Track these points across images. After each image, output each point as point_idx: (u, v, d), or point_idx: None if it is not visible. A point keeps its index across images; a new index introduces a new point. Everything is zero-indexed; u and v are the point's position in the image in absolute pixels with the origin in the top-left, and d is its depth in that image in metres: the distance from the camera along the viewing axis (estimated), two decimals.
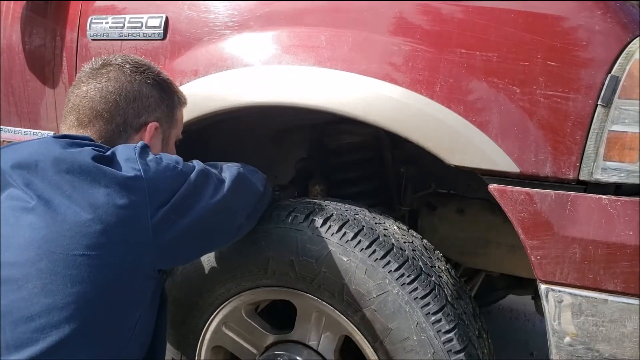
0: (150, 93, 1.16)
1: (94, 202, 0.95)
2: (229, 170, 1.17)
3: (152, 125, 1.16)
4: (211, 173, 1.12)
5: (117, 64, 1.16)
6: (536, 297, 1.96)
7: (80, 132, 1.13)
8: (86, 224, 0.94)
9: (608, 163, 1.02)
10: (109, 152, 1.03)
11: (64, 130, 1.16)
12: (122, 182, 0.97)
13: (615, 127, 1.02)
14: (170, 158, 1.07)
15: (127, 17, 1.50)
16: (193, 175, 1.06)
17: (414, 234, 1.37)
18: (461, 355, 1.18)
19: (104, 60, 1.18)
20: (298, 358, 1.34)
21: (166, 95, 1.20)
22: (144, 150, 1.05)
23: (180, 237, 1.03)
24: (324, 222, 1.26)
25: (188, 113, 1.37)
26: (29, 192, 0.97)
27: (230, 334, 1.43)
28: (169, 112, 1.21)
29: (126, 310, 1.01)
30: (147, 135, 1.15)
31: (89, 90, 1.14)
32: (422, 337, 1.19)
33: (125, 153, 1.02)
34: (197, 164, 1.11)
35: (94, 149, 1.02)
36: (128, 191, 0.97)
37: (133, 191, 0.97)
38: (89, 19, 1.56)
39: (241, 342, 1.42)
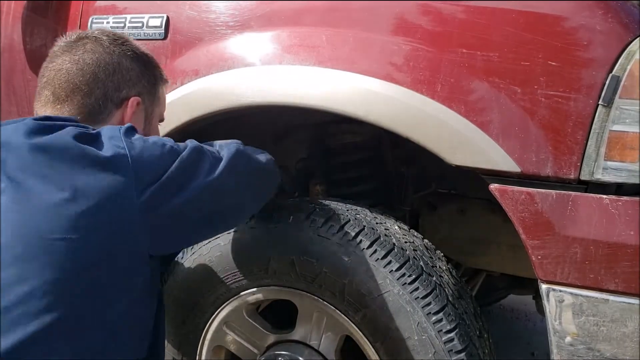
0: (130, 66, 1.11)
1: (73, 182, 0.89)
2: (227, 148, 1.10)
3: (133, 100, 1.10)
4: (206, 150, 1.05)
5: (94, 36, 1.10)
6: (537, 296, 1.96)
7: (57, 108, 1.07)
8: (64, 205, 0.87)
9: (609, 163, 1.02)
10: (93, 131, 0.98)
11: (39, 108, 1.09)
12: (104, 160, 0.91)
13: (616, 127, 1.02)
14: (159, 137, 1.03)
15: (128, 17, 1.50)
16: (186, 152, 1.00)
17: (415, 233, 1.37)
18: (462, 355, 1.18)
19: (80, 33, 1.12)
20: (299, 358, 1.35)
21: (147, 69, 1.14)
22: (130, 129, 1.00)
23: (173, 218, 0.98)
24: (325, 222, 1.26)
25: (189, 112, 1.37)
26: (1, 174, 0.91)
27: (232, 333, 1.43)
28: (150, 87, 1.15)
29: (111, 297, 0.93)
30: (129, 111, 1.10)
31: (63, 63, 1.08)
32: (423, 337, 1.19)
33: (110, 132, 0.97)
34: (191, 142, 1.05)
35: (76, 127, 0.96)
36: (112, 170, 0.91)
37: (117, 170, 0.91)
38: (90, 19, 1.56)
39: (242, 341, 1.42)
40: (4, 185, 0.90)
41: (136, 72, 1.11)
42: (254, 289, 1.36)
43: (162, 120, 1.24)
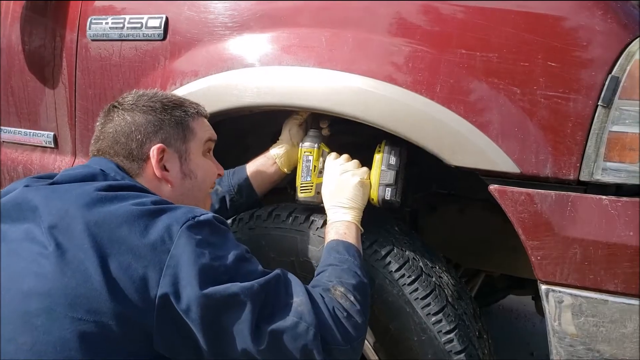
0: (145, 120, 1.15)
1: (106, 263, 0.92)
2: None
3: (153, 149, 1.13)
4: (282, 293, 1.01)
5: (116, 106, 1.18)
6: (536, 297, 1.96)
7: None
8: (93, 286, 0.91)
9: (608, 164, 1.02)
10: (164, 205, 1.01)
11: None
12: (143, 247, 0.93)
13: (615, 128, 1.02)
14: (223, 249, 0.99)
15: (127, 17, 1.50)
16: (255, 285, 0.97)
17: (415, 234, 1.37)
18: (462, 355, 1.18)
19: (110, 105, 1.20)
20: None
21: (165, 114, 1.17)
22: (199, 225, 0.97)
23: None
24: (325, 223, 1.26)
25: None
26: (49, 237, 0.95)
27: None
28: (175, 129, 1.17)
29: None
30: (154, 160, 1.13)
31: (98, 133, 1.19)
32: (423, 338, 1.19)
33: (177, 217, 0.98)
34: (275, 277, 1.02)
35: (134, 202, 0.99)
36: (146, 259, 0.93)
37: (151, 261, 0.93)
38: (89, 19, 1.56)
39: None
40: (51, 250, 0.94)
41: (152, 123, 1.15)
42: None
43: (213, 140, 1.25)
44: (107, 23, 1.52)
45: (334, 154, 1.34)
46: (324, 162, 1.34)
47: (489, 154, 1.09)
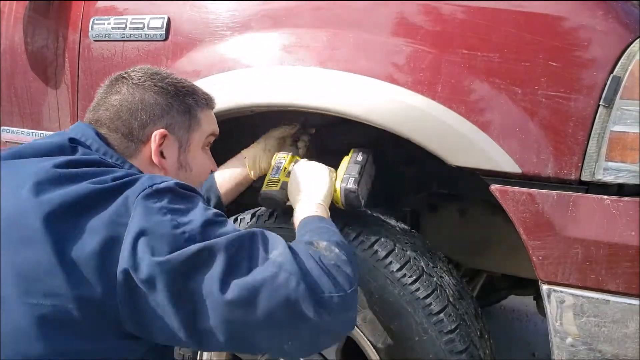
0: (154, 101, 1.09)
1: (62, 246, 0.86)
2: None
3: (157, 134, 1.08)
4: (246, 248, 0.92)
5: (123, 76, 1.13)
6: (538, 297, 1.96)
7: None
8: (49, 270, 0.85)
9: (610, 163, 1.02)
10: (126, 179, 0.94)
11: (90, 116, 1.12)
12: (100, 224, 0.88)
13: (617, 128, 1.02)
14: (188, 215, 0.91)
15: (129, 17, 1.50)
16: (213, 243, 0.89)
17: (416, 234, 1.37)
18: (463, 355, 1.18)
19: (119, 73, 1.15)
20: (300, 358, 1.35)
21: (176, 99, 1.12)
22: (157, 194, 0.92)
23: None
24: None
25: None
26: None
27: None
28: (182, 116, 1.12)
29: None
30: (154, 145, 1.09)
31: (99, 100, 1.13)
32: (424, 338, 1.19)
33: (134, 188, 0.92)
34: (233, 234, 0.92)
35: (92, 180, 0.93)
36: (103, 235, 0.87)
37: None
38: (91, 20, 1.56)
39: None
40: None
41: (161, 106, 1.10)
42: None
43: (215, 135, 1.21)
44: (109, 23, 1.53)
45: (305, 159, 1.33)
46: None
47: (490, 153, 1.09)
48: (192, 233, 0.89)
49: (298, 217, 1.15)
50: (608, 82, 1.01)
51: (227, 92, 1.33)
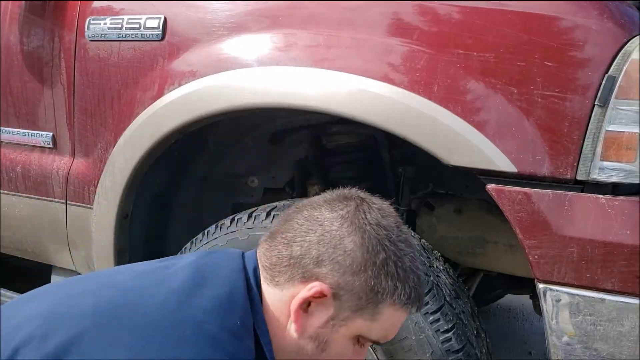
0: (351, 252, 0.86)
1: None
2: None
3: (314, 285, 0.85)
4: None
5: (355, 203, 0.91)
6: (534, 296, 1.96)
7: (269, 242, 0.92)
8: None
9: (605, 163, 1.03)
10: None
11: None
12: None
13: (612, 127, 1.02)
14: None
15: (126, 17, 1.50)
16: None
17: (412, 233, 1.37)
18: (459, 354, 1.19)
19: (347, 194, 0.94)
20: None
21: (380, 271, 0.86)
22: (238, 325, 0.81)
23: None
24: None
25: (186, 114, 1.37)
26: None
27: None
28: (365, 292, 0.86)
29: None
30: (307, 293, 0.85)
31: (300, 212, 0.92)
32: (421, 337, 1.19)
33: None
34: None
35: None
36: None
37: None
38: (87, 20, 1.56)
39: None
40: None
41: (350, 263, 0.86)
42: None
43: (379, 343, 1.00)
44: (105, 23, 1.52)
45: None
46: None
47: (486, 153, 1.09)
48: None
49: None
50: (603, 82, 1.02)
51: (224, 93, 1.33)
